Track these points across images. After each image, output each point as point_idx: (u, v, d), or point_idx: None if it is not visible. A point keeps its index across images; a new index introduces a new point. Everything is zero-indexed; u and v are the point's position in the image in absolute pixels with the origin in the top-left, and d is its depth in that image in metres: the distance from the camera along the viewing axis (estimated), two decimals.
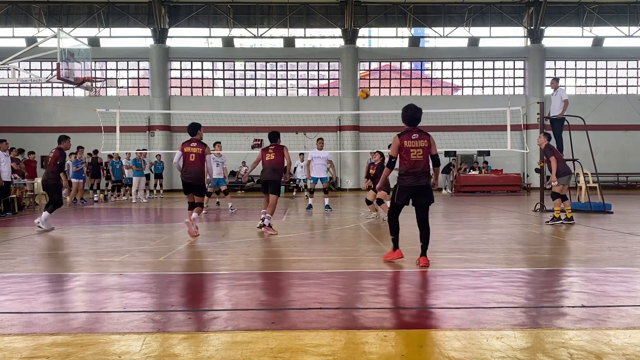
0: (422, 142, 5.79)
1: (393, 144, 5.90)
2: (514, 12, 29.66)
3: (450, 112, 23.75)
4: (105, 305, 4.18)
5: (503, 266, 5.81)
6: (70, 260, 6.41)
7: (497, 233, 8.82)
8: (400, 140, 5.80)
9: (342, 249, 7.20)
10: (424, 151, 5.78)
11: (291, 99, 29.65)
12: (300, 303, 4.21)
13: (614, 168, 28.26)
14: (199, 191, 8.40)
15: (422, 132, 5.85)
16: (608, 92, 29.98)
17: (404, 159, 5.79)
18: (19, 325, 3.66)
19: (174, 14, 29.07)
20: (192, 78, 29.90)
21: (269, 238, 8.23)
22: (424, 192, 5.84)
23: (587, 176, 13.43)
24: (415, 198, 5.88)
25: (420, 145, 5.77)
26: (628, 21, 29.45)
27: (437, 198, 20.40)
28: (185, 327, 3.58)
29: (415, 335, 3.39)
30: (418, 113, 5.87)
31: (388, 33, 30.98)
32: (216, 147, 13.68)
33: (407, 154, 5.76)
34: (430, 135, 5.89)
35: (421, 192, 5.83)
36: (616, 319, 3.72)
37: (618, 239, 7.82)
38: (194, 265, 6.24)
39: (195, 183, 8.30)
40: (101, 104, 24.77)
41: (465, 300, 4.26)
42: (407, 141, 5.78)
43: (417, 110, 5.88)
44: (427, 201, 5.87)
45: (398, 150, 5.81)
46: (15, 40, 28.42)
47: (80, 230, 9.77)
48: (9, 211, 12.92)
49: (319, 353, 3.05)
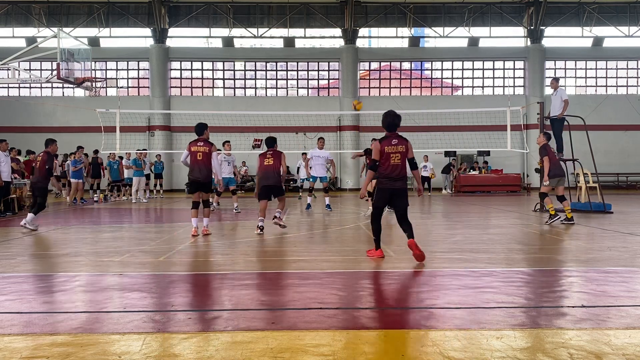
0: (400, 148, 6.10)
1: (374, 149, 6.19)
2: (514, 12, 29.66)
3: (450, 112, 23.78)
4: (105, 305, 4.18)
5: (503, 266, 5.81)
6: (70, 260, 6.41)
7: (497, 233, 8.82)
8: (381, 146, 6.11)
9: (342, 249, 7.20)
10: (402, 156, 6.10)
11: (291, 99, 29.65)
12: (300, 303, 4.21)
13: (614, 168, 28.26)
14: (208, 188, 8.67)
15: (400, 138, 6.17)
16: (608, 92, 29.97)
17: (383, 163, 6.10)
18: (19, 325, 3.66)
19: (174, 14, 29.07)
20: (192, 78, 29.89)
21: (268, 238, 8.24)
22: (400, 195, 6.16)
23: (587, 176, 13.43)
24: (393, 200, 6.19)
25: (399, 150, 6.09)
26: (628, 21, 29.45)
27: (437, 198, 20.47)
28: (185, 327, 3.58)
29: (415, 335, 3.39)
30: (397, 120, 6.21)
31: (388, 33, 30.98)
32: (225, 146, 13.64)
33: (387, 159, 6.07)
34: (408, 140, 6.20)
35: (398, 195, 6.15)
36: (616, 319, 3.72)
37: (618, 239, 7.82)
38: (194, 265, 6.23)
39: (204, 181, 8.48)
40: (101, 104, 24.78)
41: (465, 300, 4.26)
42: (388, 146, 6.09)
43: (396, 117, 6.22)
44: (405, 204, 6.18)
45: (380, 155, 6.10)
46: (15, 40, 28.42)
47: (80, 230, 9.77)
48: (9, 211, 12.92)
49: (319, 353, 3.05)
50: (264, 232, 8.65)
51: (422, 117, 24.01)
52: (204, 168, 8.41)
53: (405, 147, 6.12)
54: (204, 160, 8.40)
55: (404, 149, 6.11)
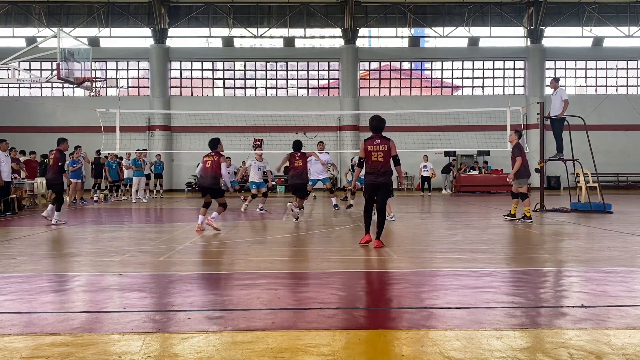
0: (382, 147, 6.96)
1: (360, 148, 7.16)
2: (514, 12, 29.65)
3: (450, 112, 23.78)
4: (105, 305, 4.18)
5: (503, 266, 5.81)
6: (70, 260, 6.41)
7: (497, 233, 8.81)
8: (365, 145, 7.06)
9: (342, 249, 7.20)
10: (384, 154, 6.95)
11: (291, 99, 29.64)
12: (300, 303, 4.21)
13: (614, 168, 28.27)
14: (215, 193, 9.25)
15: (383, 138, 7.03)
16: (608, 92, 29.97)
17: (367, 160, 7.03)
18: (19, 325, 3.66)
19: (174, 14, 29.06)
20: (192, 78, 29.89)
21: (268, 238, 8.24)
22: (382, 188, 7.01)
23: (587, 176, 13.43)
24: (376, 193, 7.03)
25: (380, 149, 6.96)
26: (628, 21, 29.45)
27: (437, 198, 20.45)
28: (185, 327, 3.57)
29: (415, 335, 3.39)
30: (381, 124, 7.07)
31: (388, 33, 30.98)
32: (257, 152, 14.60)
33: (369, 156, 6.99)
34: (391, 139, 7.04)
35: (380, 188, 7.01)
36: (616, 319, 3.72)
37: (618, 239, 7.82)
38: (194, 265, 6.23)
39: (209, 186, 9.18)
40: (101, 104, 24.77)
41: (465, 300, 4.26)
42: (370, 146, 7.00)
43: (380, 121, 7.06)
44: (385, 196, 7.05)
45: (364, 153, 7.02)
46: (15, 40, 28.42)
47: (80, 230, 9.77)
48: (9, 211, 12.92)
49: (319, 353, 3.05)
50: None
51: (422, 117, 24.03)
52: (209, 175, 9.21)
53: (388, 146, 6.95)
54: (210, 168, 9.19)
55: (386, 147, 6.94)
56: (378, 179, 6.95)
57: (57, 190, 10.93)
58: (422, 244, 7.72)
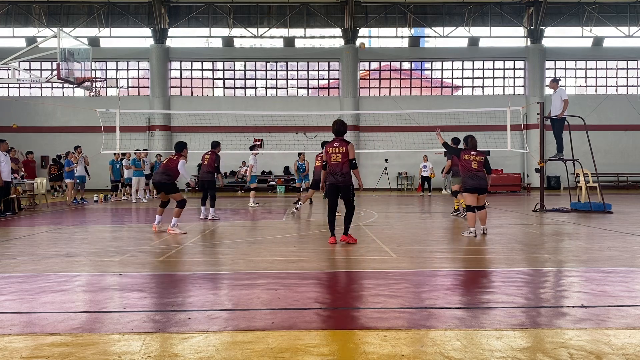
0: (340, 149, 7.34)
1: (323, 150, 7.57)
2: (514, 12, 29.64)
3: (451, 112, 23.76)
4: (105, 305, 4.18)
5: (503, 266, 5.81)
6: (70, 260, 6.41)
7: (497, 233, 8.81)
8: (326, 148, 7.50)
9: (342, 249, 7.20)
10: (342, 156, 7.31)
11: (291, 99, 29.63)
12: (300, 303, 4.21)
13: (614, 168, 28.27)
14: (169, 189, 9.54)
15: (342, 141, 7.42)
16: (608, 92, 29.95)
17: (327, 162, 7.42)
18: (19, 325, 3.66)
19: (174, 14, 29.05)
20: (192, 78, 29.87)
21: (268, 238, 8.24)
22: (342, 189, 7.40)
23: (587, 176, 13.43)
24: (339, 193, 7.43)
25: (339, 151, 7.34)
26: (628, 21, 29.44)
27: (437, 198, 20.45)
28: (185, 327, 3.58)
29: (415, 335, 3.39)
30: (342, 127, 7.49)
31: (388, 33, 30.96)
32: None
33: (329, 158, 7.40)
34: (350, 142, 7.41)
35: (340, 189, 7.41)
36: (616, 319, 3.72)
37: (618, 239, 7.82)
38: (194, 265, 6.23)
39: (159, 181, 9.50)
40: (101, 104, 24.79)
41: (465, 300, 4.26)
42: (330, 148, 7.40)
43: (342, 125, 7.49)
44: (347, 197, 7.40)
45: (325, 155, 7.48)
46: (15, 40, 28.41)
47: (80, 230, 9.77)
48: (9, 211, 12.92)
49: (319, 353, 3.05)
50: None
51: (422, 117, 24.04)
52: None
53: (345, 149, 7.31)
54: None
55: (344, 150, 7.31)
56: (337, 180, 7.36)
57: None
58: (422, 243, 7.71)
